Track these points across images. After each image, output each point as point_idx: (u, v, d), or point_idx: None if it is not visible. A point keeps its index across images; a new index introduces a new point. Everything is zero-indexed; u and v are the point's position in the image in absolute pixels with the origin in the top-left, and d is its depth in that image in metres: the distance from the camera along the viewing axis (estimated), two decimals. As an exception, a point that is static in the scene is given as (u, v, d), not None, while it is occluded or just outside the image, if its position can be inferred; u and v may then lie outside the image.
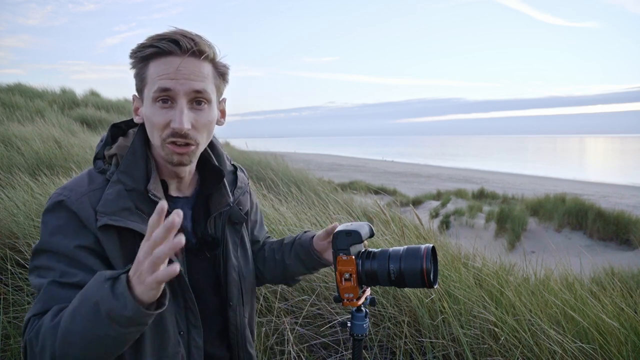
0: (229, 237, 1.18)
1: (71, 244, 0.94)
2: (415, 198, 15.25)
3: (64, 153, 5.92)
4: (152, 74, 0.99)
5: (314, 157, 37.17)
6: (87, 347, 0.83)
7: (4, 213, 3.29)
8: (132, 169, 1.02)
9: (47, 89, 14.13)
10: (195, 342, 1.08)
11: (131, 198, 1.00)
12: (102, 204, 0.96)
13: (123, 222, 0.96)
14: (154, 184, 1.03)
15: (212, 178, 1.15)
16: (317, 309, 2.30)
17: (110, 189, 0.99)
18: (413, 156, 55.30)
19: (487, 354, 1.95)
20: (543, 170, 32.60)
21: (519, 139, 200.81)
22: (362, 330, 1.13)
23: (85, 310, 0.81)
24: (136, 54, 1.00)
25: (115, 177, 1.00)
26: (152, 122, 1.00)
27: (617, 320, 1.95)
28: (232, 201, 1.16)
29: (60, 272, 0.92)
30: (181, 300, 1.05)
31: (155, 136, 1.01)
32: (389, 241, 2.70)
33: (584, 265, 3.57)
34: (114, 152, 1.05)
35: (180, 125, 0.97)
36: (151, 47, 0.98)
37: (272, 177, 4.75)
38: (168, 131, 0.99)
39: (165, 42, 0.97)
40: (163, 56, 0.98)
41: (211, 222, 1.14)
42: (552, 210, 11.09)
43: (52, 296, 0.91)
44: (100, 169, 1.04)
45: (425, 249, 1.05)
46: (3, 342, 2.22)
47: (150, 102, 0.99)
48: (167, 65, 0.97)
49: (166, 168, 1.07)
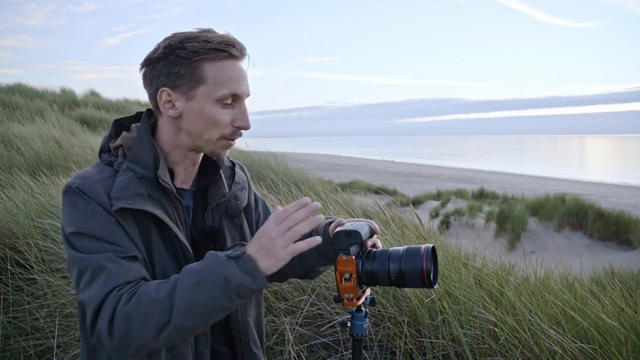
0: (227, 230, 1.20)
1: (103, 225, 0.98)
2: (415, 198, 15.25)
3: (64, 153, 5.92)
4: (218, 77, 1.04)
5: (314, 157, 37.17)
6: (206, 316, 0.93)
7: (4, 213, 3.29)
8: (140, 157, 1.05)
9: (47, 89, 14.14)
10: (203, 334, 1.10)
11: (142, 184, 1.03)
12: (115, 190, 1.00)
13: (139, 205, 1.00)
14: (163, 170, 1.07)
15: (210, 171, 1.20)
16: (317, 309, 2.30)
17: (121, 177, 1.02)
18: (413, 156, 55.31)
19: (487, 354, 1.95)
20: (543, 170, 32.62)
21: (519, 139, 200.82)
22: (362, 330, 1.12)
23: (212, 285, 0.91)
24: (197, 54, 1.03)
25: (125, 166, 1.04)
26: (214, 120, 1.06)
27: (617, 320, 1.95)
28: (228, 192, 1.20)
29: (112, 250, 0.97)
30: None
31: (214, 132, 1.07)
32: (389, 241, 2.70)
33: (584, 265, 3.57)
34: (119, 143, 1.09)
35: (248, 124, 1.09)
36: (219, 51, 1.04)
37: (272, 177, 4.76)
38: (230, 129, 1.08)
39: (234, 48, 1.05)
40: (224, 60, 1.05)
41: (209, 213, 1.17)
42: (552, 210, 11.09)
43: (124, 270, 0.95)
44: (106, 161, 1.08)
45: (425, 249, 1.05)
46: (3, 342, 2.22)
47: (212, 102, 1.05)
48: (236, 71, 1.06)
49: (180, 156, 1.12)
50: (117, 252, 0.97)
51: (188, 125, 1.08)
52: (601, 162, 46.40)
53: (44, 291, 2.48)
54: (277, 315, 2.31)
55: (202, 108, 1.06)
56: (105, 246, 0.97)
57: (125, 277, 0.95)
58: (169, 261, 1.05)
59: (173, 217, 1.07)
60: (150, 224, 1.03)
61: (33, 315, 2.35)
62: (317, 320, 2.25)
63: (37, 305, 2.42)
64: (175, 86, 1.06)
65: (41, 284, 2.51)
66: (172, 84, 1.06)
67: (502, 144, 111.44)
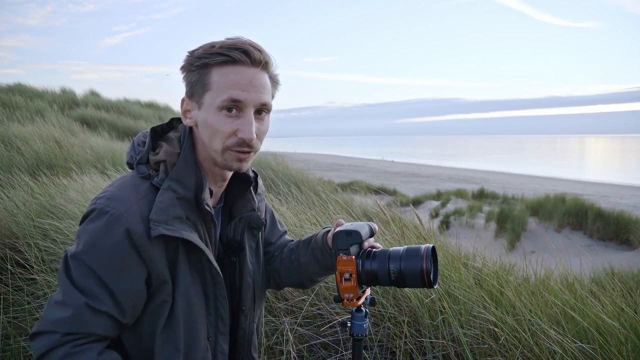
0: (247, 242, 1.18)
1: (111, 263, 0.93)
2: (415, 198, 15.24)
3: (64, 153, 5.92)
4: (220, 82, 0.98)
5: (314, 157, 37.17)
6: None
7: (4, 213, 3.29)
8: (183, 176, 1.01)
9: (47, 89, 14.14)
10: (221, 347, 1.10)
11: (181, 206, 0.99)
12: (155, 212, 0.95)
13: (177, 232, 0.96)
14: (207, 193, 1.04)
15: (238, 184, 1.16)
16: (317, 309, 2.30)
17: (161, 197, 0.98)
18: (413, 156, 55.29)
19: (487, 354, 1.95)
20: (543, 170, 32.60)
21: (519, 139, 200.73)
22: (362, 330, 1.13)
23: None
24: (201, 60, 0.99)
25: (166, 185, 0.99)
26: (215, 129, 1.00)
27: (617, 320, 1.95)
28: (256, 206, 1.18)
29: (91, 291, 0.92)
30: (213, 309, 1.07)
31: (217, 143, 1.01)
32: (389, 241, 2.70)
33: (584, 265, 3.57)
34: (162, 158, 1.03)
35: (250, 135, 0.99)
36: (221, 55, 0.98)
37: (272, 177, 4.76)
38: (233, 140, 1.00)
39: (237, 52, 0.97)
40: (232, 65, 0.98)
41: (231, 226, 1.15)
42: (552, 210, 11.08)
43: (83, 320, 0.91)
44: (144, 175, 1.02)
45: (425, 249, 1.05)
46: (3, 342, 2.22)
47: (214, 110, 0.99)
48: (239, 76, 0.98)
49: (210, 172, 1.08)
50: (94, 300, 0.92)
51: (201, 135, 1.04)
52: (601, 162, 46.38)
53: (44, 291, 2.48)
54: (277, 315, 2.31)
55: (207, 116, 1.01)
56: (92, 288, 0.92)
57: (84, 328, 0.91)
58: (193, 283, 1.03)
59: (204, 239, 1.04)
60: (178, 247, 0.99)
61: (33, 315, 2.35)
62: (317, 320, 2.25)
63: (37, 305, 2.42)
64: (190, 94, 1.04)
65: (41, 284, 2.50)
66: (188, 93, 1.04)
67: (502, 144, 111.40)
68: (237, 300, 1.18)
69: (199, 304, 1.03)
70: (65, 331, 0.91)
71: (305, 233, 2.77)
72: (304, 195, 3.94)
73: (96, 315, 0.92)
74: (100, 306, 0.92)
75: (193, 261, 1.02)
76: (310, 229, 2.84)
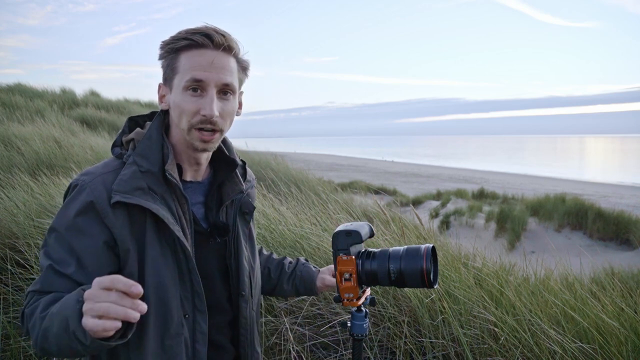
0: (240, 227, 1.22)
1: (73, 222, 1.01)
2: (415, 198, 15.24)
3: (64, 153, 5.92)
4: (185, 65, 1.05)
5: (314, 157, 37.16)
6: (61, 349, 0.91)
7: (4, 213, 3.29)
8: (147, 151, 1.07)
9: (47, 89, 14.14)
10: (200, 326, 1.10)
11: (145, 179, 1.04)
12: (116, 183, 1.02)
13: (135, 200, 1.01)
14: (171, 165, 1.08)
15: (224, 168, 1.22)
16: (317, 309, 2.30)
17: (125, 170, 1.04)
18: (413, 156, 55.28)
19: (487, 354, 1.95)
20: (543, 170, 32.60)
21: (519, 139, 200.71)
22: (362, 330, 1.13)
23: (58, 321, 0.88)
24: (169, 45, 1.07)
25: (131, 160, 1.06)
26: (182, 108, 1.06)
27: (617, 320, 1.95)
28: (244, 189, 1.22)
29: (59, 258, 1.00)
30: (188, 283, 1.08)
31: (184, 122, 1.07)
32: (389, 241, 2.70)
33: (584, 265, 3.57)
34: (131, 137, 1.11)
35: (211, 112, 1.05)
36: (185, 40, 1.05)
37: (272, 177, 4.76)
38: (197, 118, 1.06)
39: (200, 35, 1.04)
40: (196, 48, 1.05)
41: (223, 210, 1.19)
42: (552, 210, 11.09)
43: (49, 281, 0.99)
44: (117, 154, 1.10)
45: (425, 249, 1.05)
46: (3, 342, 2.22)
47: (180, 90, 1.06)
48: (201, 58, 1.05)
49: (185, 154, 1.14)
50: (58, 263, 0.99)
51: (173, 116, 1.11)
52: (601, 162, 46.38)
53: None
54: (277, 315, 2.31)
55: (175, 97, 1.08)
56: (59, 249, 1.00)
57: (50, 287, 0.99)
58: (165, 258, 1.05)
59: (176, 213, 1.07)
60: (146, 218, 1.03)
61: (33, 315, 2.35)
62: (317, 320, 2.25)
63: (37, 305, 2.42)
64: (164, 80, 1.11)
65: (41, 284, 2.51)
66: (163, 78, 1.11)
67: (502, 144, 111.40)
68: (235, 286, 1.19)
69: (169, 275, 1.04)
70: (35, 289, 1.00)
71: (305, 233, 2.76)
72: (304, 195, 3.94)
73: (60, 277, 0.99)
74: (65, 269, 0.99)
75: (162, 232, 1.05)
76: (310, 229, 2.84)
